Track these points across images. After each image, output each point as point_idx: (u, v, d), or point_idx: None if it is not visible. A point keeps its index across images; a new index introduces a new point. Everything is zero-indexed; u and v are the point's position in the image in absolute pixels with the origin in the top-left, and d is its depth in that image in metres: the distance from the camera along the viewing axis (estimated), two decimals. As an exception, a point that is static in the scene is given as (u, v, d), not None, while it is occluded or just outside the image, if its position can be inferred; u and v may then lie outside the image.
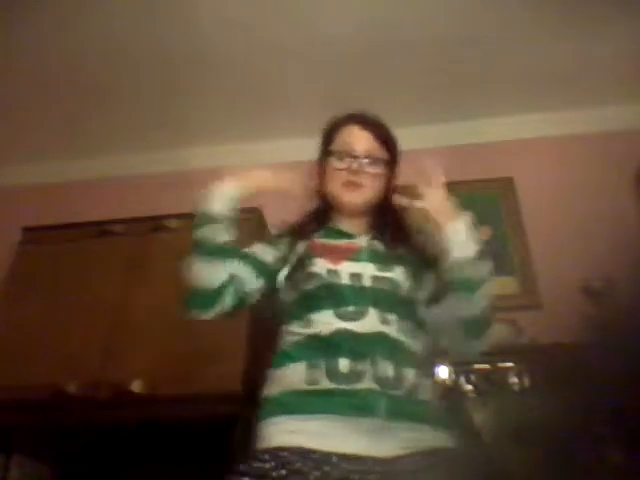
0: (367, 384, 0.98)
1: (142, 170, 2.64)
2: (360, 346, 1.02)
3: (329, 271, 1.12)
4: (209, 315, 1.14)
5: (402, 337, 1.06)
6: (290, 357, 1.07)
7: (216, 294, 1.12)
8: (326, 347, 1.03)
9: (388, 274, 1.13)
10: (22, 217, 2.40)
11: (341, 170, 1.22)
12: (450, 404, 1.19)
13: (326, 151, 1.29)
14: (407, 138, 2.46)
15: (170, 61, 2.18)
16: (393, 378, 1.00)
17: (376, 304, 1.08)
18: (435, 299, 1.14)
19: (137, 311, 1.88)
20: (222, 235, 1.13)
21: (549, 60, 2.18)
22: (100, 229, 2.11)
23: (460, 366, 1.61)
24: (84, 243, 2.10)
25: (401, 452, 0.96)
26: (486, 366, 1.61)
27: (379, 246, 1.21)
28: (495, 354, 1.63)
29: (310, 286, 1.12)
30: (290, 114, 2.44)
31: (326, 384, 0.99)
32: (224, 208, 1.15)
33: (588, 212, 2.15)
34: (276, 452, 0.93)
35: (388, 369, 1.00)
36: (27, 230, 2.22)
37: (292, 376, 1.03)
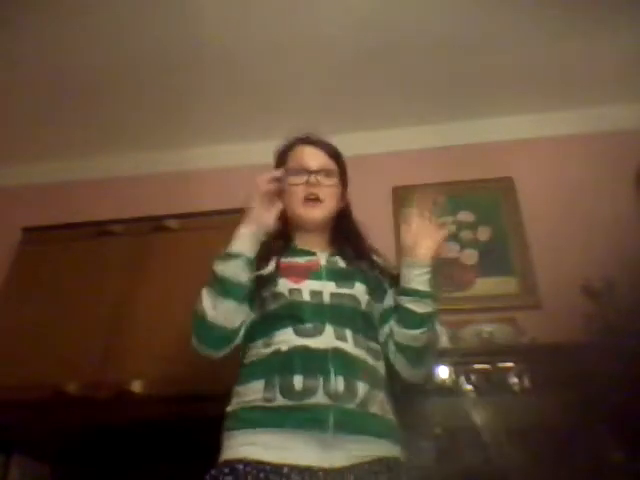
0: (318, 399, 1.03)
1: (142, 170, 2.64)
2: (313, 362, 1.07)
3: (291, 290, 1.16)
4: (222, 353, 1.18)
5: (357, 352, 1.11)
6: (251, 374, 1.11)
7: (234, 333, 1.16)
8: (282, 364, 1.08)
9: (347, 290, 1.18)
10: (22, 217, 2.41)
11: (298, 185, 1.27)
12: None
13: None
14: (407, 138, 2.49)
15: (170, 61, 2.18)
16: (344, 392, 1.04)
17: (333, 320, 1.12)
18: (385, 319, 1.21)
19: (137, 311, 1.88)
20: (243, 274, 1.14)
21: (549, 60, 2.18)
22: (100, 229, 2.11)
23: (460, 366, 1.61)
24: (84, 243, 2.10)
25: (349, 463, 1.00)
26: (486, 366, 1.60)
27: (339, 262, 1.26)
28: (495, 354, 1.63)
29: (274, 306, 1.17)
30: (290, 114, 2.43)
31: (280, 401, 1.04)
32: (245, 247, 1.15)
33: (588, 212, 2.15)
34: (234, 464, 1.00)
35: (340, 383, 1.04)
36: (27, 230, 2.23)
37: (251, 393, 1.08)
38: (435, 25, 2.03)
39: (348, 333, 1.12)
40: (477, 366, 1.59)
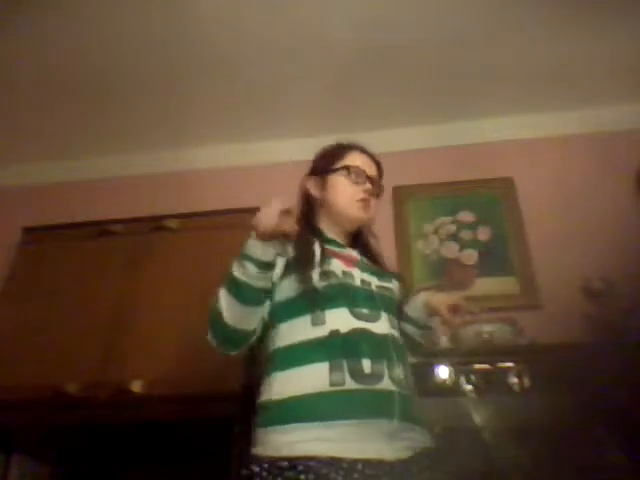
0: (385, 384, 1.04)
1: (142, 170, 2.64)
2: (378, 347, 1.09)
3: (344, 272, 1.19)
4: (238, 350, 1.16)
5: (401, 340, 1.19)
6: (308, 357, 1.06)
7: (251, 334, 1.13)
8: (346, 346, 1.06)
9: (388, 284, 1.26)
10: (22, 217, 2.41)
11: (358, 185, 1.31)
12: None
13: (335, 166, 1.34)
14: (407, 138, 2.49)
15: (170, 61, 2.18)
16: (403, 378, 1.08)
17: (385, 309, 1.18)
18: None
19: (137, 311, 1.88)
20: (261, 281, 1.08)
21: (549, 60, 2.18)
22: (100, 229, 2.11)
23: (460, 366, 1.60)
24: (84, 243, 2.10)
25: (405, 454, 1.01)
26: (486, 366, 1.60)
27: (369, 262, 1.32)
28: (495, 354, 1.63)
29: (325, 283, 1.13)
30: (290, 114, 2.44)
31: (351, 385, 1.01)
32: (266, 254, 1.07)
33: (588, 212, 2.15)
34: (307, 462, 0.94)
35: (400, 369, 1.08)
36: (27, 230, 2.23)
37: (314, 377, 1.03)
38: (435, 25, 2.03)
39: (394, 322, 1.19)
40: (477, 366, 1.59)
